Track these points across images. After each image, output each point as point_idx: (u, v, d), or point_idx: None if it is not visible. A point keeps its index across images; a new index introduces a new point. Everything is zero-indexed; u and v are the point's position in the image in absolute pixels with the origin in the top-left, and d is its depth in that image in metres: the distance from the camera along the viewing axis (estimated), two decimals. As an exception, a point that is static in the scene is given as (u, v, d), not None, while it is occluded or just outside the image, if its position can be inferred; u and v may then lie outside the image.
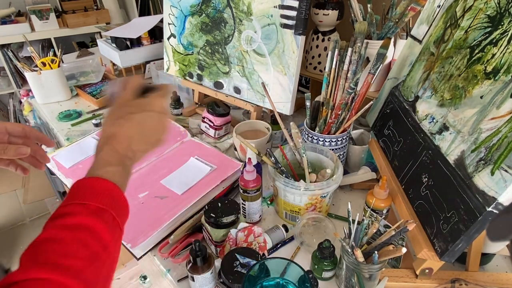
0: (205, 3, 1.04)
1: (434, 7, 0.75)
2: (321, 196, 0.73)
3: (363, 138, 0.96)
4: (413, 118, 0.70)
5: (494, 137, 0.48)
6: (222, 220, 0.66)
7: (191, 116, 1.24)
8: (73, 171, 0.87)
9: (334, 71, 0.81)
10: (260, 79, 1.00)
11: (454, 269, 0.65)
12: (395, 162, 0.73)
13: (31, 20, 2.27)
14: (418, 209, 0.62)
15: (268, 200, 0.86)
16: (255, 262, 0.58)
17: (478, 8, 0.60)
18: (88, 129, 1.17)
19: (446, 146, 0.58)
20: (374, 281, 0.60)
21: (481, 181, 0.48)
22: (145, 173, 0.88)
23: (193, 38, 1.11)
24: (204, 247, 0.60)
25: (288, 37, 0.90)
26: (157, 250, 0.72)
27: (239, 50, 1.02)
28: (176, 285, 0.67)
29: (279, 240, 0.73)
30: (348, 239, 0.59)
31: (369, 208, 0.69)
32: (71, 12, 2.39)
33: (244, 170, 0.71)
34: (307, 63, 1.14)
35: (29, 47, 1.32)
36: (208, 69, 1.12)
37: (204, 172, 0.86)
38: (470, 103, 0.55)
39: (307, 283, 0.52)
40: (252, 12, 0.94)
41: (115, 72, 1.54)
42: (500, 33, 0.53)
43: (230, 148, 1.07)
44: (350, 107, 0.80)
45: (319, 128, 0.83)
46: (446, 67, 0.64)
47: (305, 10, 0.85)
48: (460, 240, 0.49)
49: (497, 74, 0.51)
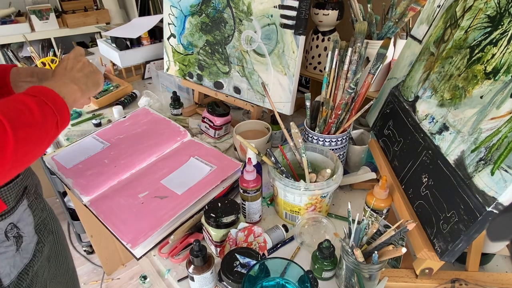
0: (205, 3, 1.04)
1: (434, 7, 0.75)
2: (321, 196, 0.73)
3: (363, 138, 0.96)
4: (413, 118, 0.70)
5: (494, 137, 0.48)
6: (222, 220, 0.66)
7: (191, 116, 1.24)
8: (73, 171, 0.87)
9: (334, 71, 0.81)
10: (260, 79, 1.00)
11: (454, 269, 0.65)
12: (395, 162, 0.73)
13: (31, 20, 2.27)
14: (418, 209, 0.62)
15: (268, 200, 0.86)
16: (255, 262, 0.58)
17: (478, 8, 0.60)
18: (88, 129, 1.17)
19: (446, 146, 0.58)
20: (374, 281, 0.60)
21: (481, 181, 0.48)
22: (145, 173, 0.88)
23: (193, 38, 1.11)
24: (204, 247, 0.60)
25: (288, 37, 0.90)
26: (157, 250, 0.72)
27: (239, 50, 1.02)
28: (176, 285, 0.67)
29: (279, 240, 0.73)
30: (348, 239, 0.59)
31: (369, 208, 0.69)
32: (71, 12, 2.38)
33: (244, 170, 0.71)
34: (307, 63, 1.14)
35: (29, 47, 1.32)
36: (208, 69, 1.12)
37: (204, 172, 0.86)
38: (470, 103, 0.55)
39: (307, 283, 0.52)
40: (252, 12, 0.94)
41: (115, 72, 1.54)
42: (500, 33, 0.53)
43: (230, 148, 1.07)
44: (350, 107, 0.81)
45: (319, 128, 0.83)
46: (446, 67, 0.64)
47: (305, 10, 0.85)
48: (460, 240, 0.49)
49: (497, 74, 0.51)
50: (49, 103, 0.51)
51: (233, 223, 0.68)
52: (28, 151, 0.47)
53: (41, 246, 0.68)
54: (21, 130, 0.45)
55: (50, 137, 0.52)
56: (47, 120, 0.50)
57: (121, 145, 0.96)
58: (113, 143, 0.97)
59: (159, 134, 1.00)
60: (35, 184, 0.68)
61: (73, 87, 0.59)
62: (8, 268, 0.59)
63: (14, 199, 0.58)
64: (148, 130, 1.02)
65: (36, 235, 0.66)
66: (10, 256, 0.59)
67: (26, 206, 0.62)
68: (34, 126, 0.47)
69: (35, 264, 0.66)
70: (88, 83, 0.64)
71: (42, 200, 0.70)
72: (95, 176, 0.85)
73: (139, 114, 1.09)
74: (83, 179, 0.84)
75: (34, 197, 0.65)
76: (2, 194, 0.55)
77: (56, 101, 0.53)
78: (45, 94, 0.52)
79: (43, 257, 0.69)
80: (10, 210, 0.58)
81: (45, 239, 0.69)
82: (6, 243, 0.58)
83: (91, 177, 0.85)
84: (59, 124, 0.53)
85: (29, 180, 0.64)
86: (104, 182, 0.84)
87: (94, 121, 1.17)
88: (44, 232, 0.69)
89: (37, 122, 0.48)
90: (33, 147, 0.48)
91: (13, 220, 0.59)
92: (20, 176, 0.60)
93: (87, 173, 0.86)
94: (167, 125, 1.04)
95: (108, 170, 0.87)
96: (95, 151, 0.94)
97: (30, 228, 0.64)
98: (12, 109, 0.46)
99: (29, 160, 0.49)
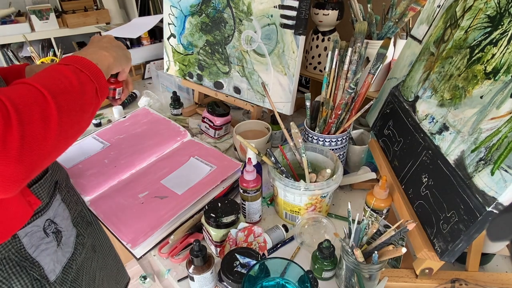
0: (205, 3, 1.04)
1: (434, 7, 0.75)
2: (321, 196, 0.73)
3: (363, 138, 0.96)
4: (413, 118, 0.70)
5: (494, 137, 0.48)
6: (222, 220, 0.66)
7: (191, 116, 1.25)
8: (73, 171, 0.87)
9: (334, 71, 0.81)
10: (260, 79, 1.00)
11: (454, 269, 0.65)
12: (395, 162, 0.73)
13: (31, 20, 2.27)
14: (418, 209, 0.62)
15: (268, 200, 0.86)
16: (255, 262, 0.58)
17: (478, 8, 0.60)
18: (88, 129, 1.17)
19: (446, 146, 0.58)
20: (374, 281, 0.60)
21: (481, 181, 0.48)
22: (145, 173, 0.88)
23: (193, 38, 1.11)
24: (204, 247, 0.60)
25: (288, 37, 0.90)
26: (157, 250, 0.72)
27: (239, 50, 1.02)
28: (176, 285, 0.67)
29: (279, 240, 0.73)
30: (348, 239, 0.59)
31: (369, 208, 0.69)
32: (71, 12, 2.39)
33: (244, 170, 0.71)
34: (307, 63, 1.14)
35: (29, 47, 1.32)
36: (208, 69, 1.12)
37: (204, 172, 0.86)
38: (470, 103, 0.55)
39: (307, 283, 0.52)
40: (252, 12, 0.94)
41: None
42: (500, 33, 0.53)
43: (230, 148, 1.07)
44: (350, 107, 0.80)
45: (319, 128, 0.83)
46: (446, 67, 0.64)
47: (305, 10, 0.85)
48: (460, 240, 0.49)
49: (497, 74, 0.51)
50: (84, 70, 0.50)
51: (233, 223, 0.68)
52: (73, 121, 0.46)
53: (82, 239, 0.67)
54: (62, 98, 0.44)
55: (92, 106, 0.51)
56: (86, 88, 0.49)
57: (121, 145, 0.96)
58: (113, 143, 0.97)
59: (159, 134, 1.00)
60: (65, 178, 0.67)
61: (103, 53, 0.58)
62: (52, 264, 0.59)
63: (47, 195, 0.58)
64: (148, 130, 1.02)
65: (74, 228, 0.65)
66: (52, 252, 0.59)
67: (60, 201, 0.62)
68: (73, 93, 0.46)
69: (78, 257, 0.65)
70: (118, 52, 0.62)
71: (75, 193, 0.70)
72: (95, 176, 0.85)
73: (139, 114, 1.09)
74: (83, 179, 0.84)
75: (66, 191, 0.65)
76: (35, 191, 0.55)
77: (91, 68, 0.51)
78: (78, 62, 0.51)
79: (86, 248, 0.69)
80: (45, 206, 0.57)
81: (84, 231, 0.69)
82: (46, 239, 0.58)
83: (91, 177, 0.85)
84: (99, 92, 0.52)
85: (58, 174, 0.62)
86: (104, 182, 0.84)
87: (94, 121, 1.18)
88: (82, 225, 0.69)
89: (76, 89, 0.47)
90: (77, 116, 0.47)
91: (50, 216, 0.58)
92: (49, 171, 0.59)
93: (87, 173, 0.86)
94: (167, 125, 1.04)
95: (108, 170, 0.87)
96: (95, 151, 0.94)
97: (67, 222, 0.63)
98: (49, 78, 0.45)
99: (75, 133, 0.48)
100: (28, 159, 0.40)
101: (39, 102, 0.41)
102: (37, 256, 0.56)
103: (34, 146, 0.40)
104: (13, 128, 0.38)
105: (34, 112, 0.40)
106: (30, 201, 0.53)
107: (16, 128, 0.38)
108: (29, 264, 0.55)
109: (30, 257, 0.55)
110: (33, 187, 0.55)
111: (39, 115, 0.41)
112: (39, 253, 0.56)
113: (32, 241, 0.55)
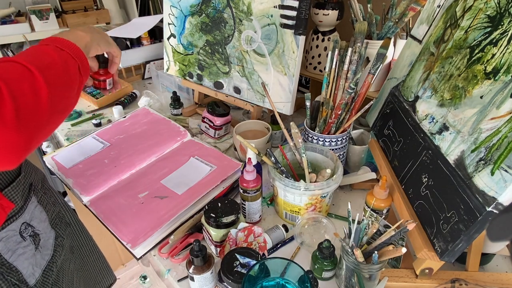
0: (205, 3, 1.04)
1: (434, 7, 0.75)
2: (321, 196, 0.73)
3: (363, 138, 0.96)
4: (413, 118, 0.70)
5: (494, 137, 0.48)
6: (222, 220, 0.66)
7: (191, 116, 1.24)
8: (73, 171, 0.87)
9: (334, 71, 0.81)
10: (260, 79, 1.00)
11: (454, 269, 0.65)
12: (395, 162, 0.73)
13: (31, 20, 2.27)
14: (418, 209, 0.62)
15: (268, 200, 0.86)
16: (255, 262, 0.58)
17: (478, 8, 0.60)
18: (88, 129, 1.17)
19: (446, 146, 0.58)
20: (374, 281, 0.60)
21: (481, 181, 0.48)
22: (145, 173, 0.88)
23: (193, 38, 1.11)
24: (204, 247, 0.60)
25: (288, 37, 0.90)
26: (157, 250, 0.72)
27: (239, 50, 1.02)
28: (176, 285, 0.67)
29: (279, 240, 0.73)
30: (348, 239, 0.59)
31: (369, 208, 0.69)
32: (71, 12, 2.39)
33: (244, 170, 0.71)
34: (307, 63, 1.14)
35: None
36: (208, 69, 1.12)
37: (204, 172, 0.86)
38: (470, 103, 0.55)
39: (307, 283, 0.52)
40: (252, 12, 0.94)
41: (115, 72, 1.54)
42: (500, 33, 0.53)
43: (230, 148, 1.07)
44: (350, 107, 0.81)
45: (319, 128, 0.83)
46: (446, 67, 0.64)
47: (305, 10, 0.85)
48: (460, 240, 0.49)
49: (497, 74, 0.51)
50: (65, 48, 0.52)
51: (233, 223, 0.68)
52: (62, 95, 0.48)
53: (61, 240, 0.67)
54: (48, 73, 0.45)
55: (76, 83, 0.52)
56: (68, 64, 0.51)
57: (121, 145, 0.96)
58: (113, 143, 0.97)
59: (159, 134, 1.00)
60: (41, 180, 0.65)
61: (80, 33, 0.60)
62: (31, 268, 0.58)
63: (21, 198, 0.56)
64: (148, 130, 1.02)
65: (53, 230, 0.64)
66: (30, 256, 0.58)
67: (36, 203, 0.60)
68: (58, 69, 0.48)
69: (58, 259, 0.64)
70: (95, 34, 0.63)
71: (53, 194, 0.68)
72: (95, 176, 0.85)
73: (139, 114, 1.09)
74: (83, 179, 0.84)
75: (42, 193, 0.64)
76: (7, 194, 0.54)
77: (70, 46, 0.53)
78: (57, 42, 0.52)
79: (65, 250, 0.68)
80: (20, 209, 0.56)
81: (63, 232, 0.68)
82: (24, 243, 0.57)
83: (91, 177, 0.85)
84: (81, 70, 0.53)
85: (33, 176, 0.61)
86: (104, 182, 0.84)
87: (94, 121, 1.17)
88: (61, 226, 0.68)
89: (59, 65, 0.48)
90: (64, 91, 0.48)
91: (26, 219, 0.57)
92: (22, 174, 0.57)
93: (87, 173, 0.86)
94: (167, 125, 1.04)
95: (108, 170, 0.87)
96: (95, 151, 0.94)
97: (45, 225, 0.62)
98: (32, 56, 0.47)
99: (65, 108, 0.49)
100: (26, 130, 0.41)
101: (26, 76, 0.43)
102: (14, 261, 0.55)
103: (30, 117, 0.42)
104: (6, 101, 0.39)
105: (23, 85, 0.42)
106: (3, 204, 0.52)
107: (9, 101, 0.39)
108: (6, 269, 0.54)
109: (6, 263, 0.54)
110: (6, 190, 0.53)
111: (29, 88, 0.42)
112: (16, 258, 0.55)
113: (8, 246, 0.54)
